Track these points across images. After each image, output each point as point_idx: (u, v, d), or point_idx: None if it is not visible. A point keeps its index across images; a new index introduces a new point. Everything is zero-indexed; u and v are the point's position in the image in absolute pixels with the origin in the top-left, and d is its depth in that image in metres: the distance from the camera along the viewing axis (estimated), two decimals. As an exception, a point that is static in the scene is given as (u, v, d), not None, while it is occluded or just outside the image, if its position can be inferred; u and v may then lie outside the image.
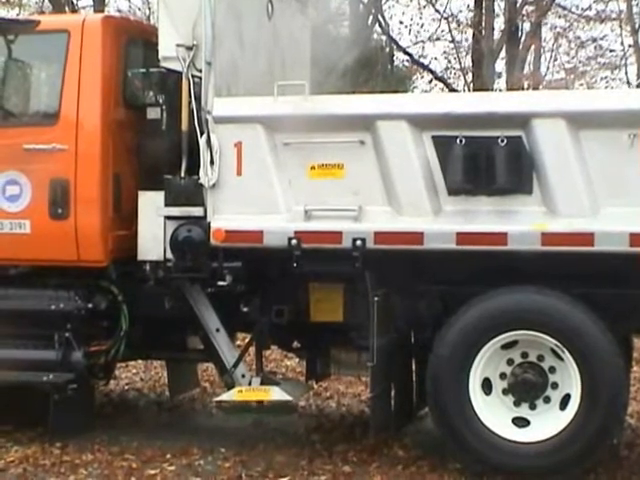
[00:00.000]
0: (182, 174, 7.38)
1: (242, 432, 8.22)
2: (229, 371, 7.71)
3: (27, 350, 7.76)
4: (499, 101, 7.22)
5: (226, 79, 7.44)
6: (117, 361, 8.15)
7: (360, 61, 19.29)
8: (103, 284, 7.81)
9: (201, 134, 7.24)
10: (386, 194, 6.99)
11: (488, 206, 6.83)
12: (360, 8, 22.91)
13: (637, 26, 25.09)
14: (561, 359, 6.85)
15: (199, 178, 7.27)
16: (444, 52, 25.93)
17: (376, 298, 7.01)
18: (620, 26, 26.31)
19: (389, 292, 7.15)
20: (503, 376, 7.01)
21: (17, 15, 21.86)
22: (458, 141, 6.78)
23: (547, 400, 6.95)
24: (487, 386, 6.99)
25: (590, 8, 25.46)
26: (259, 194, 7.19)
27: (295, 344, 8.21)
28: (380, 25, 23.55)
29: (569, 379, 6.82)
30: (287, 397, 7.58)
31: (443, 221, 6.89)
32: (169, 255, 7.41)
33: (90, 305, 7.73)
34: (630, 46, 26.21)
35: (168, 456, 7.48)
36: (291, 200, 7.16)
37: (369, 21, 23.20)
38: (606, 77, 27.10)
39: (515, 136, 6.74)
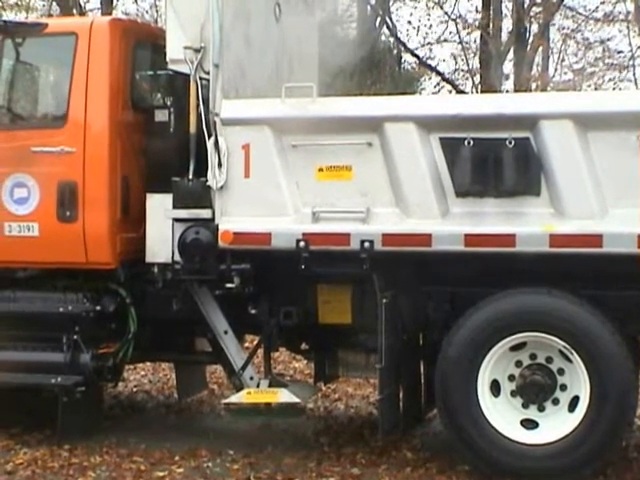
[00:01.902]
0: (190, 176, 7.38)
1: (250, 434, 8.23)
2: (237, 373, 7.71)
3: (35, 352, 7.77)
4: (507, 103, 7.19)
5: (234, 81, 7.44)
6: (125, 363, 8.15)
7: (368, 63, 19.33)
8: (111, 286, 7.81)
9: (209, 136, 7.24)
10: (394, 196, 6.98)
11: (496, 208, 6.81)
12: (368, 10, 22.90)
13: (645, 27, 25.03)
14: (570, 361, 6.84)
15: (207, 180, 7.28)
16: (452, 54, 25.94)
17: (384, 300, 7.01)
18: (628, 27, 26.23)
19: (397, 294, 7.15)
20: (511, 378, 7.00)
21: (25, 18, 21.86)
22: (466, 143, 6.76)
23: (556, 402, 6.94)
24: (495, 388, 6.98)
25: (598, 9, 25.43)
26: (267, 196, 7.18)
27: (303, 346, 8.21)
28: (388, 27, 23.55)
29: (578, 381, 6.81)
30: (295, 399, 7.57)
31: (451, 223, 6.88)
32: (177, 257, 7.40)
33: (98, 307, 7.74)
34: (638, 47, 26.18)
35: (176, 458, 7.49)
36: (299, 202, 7.15)
37: (377, 23, 23.20)
38: (614, 78, 27.04)
39: (523, 138, 6.73)
